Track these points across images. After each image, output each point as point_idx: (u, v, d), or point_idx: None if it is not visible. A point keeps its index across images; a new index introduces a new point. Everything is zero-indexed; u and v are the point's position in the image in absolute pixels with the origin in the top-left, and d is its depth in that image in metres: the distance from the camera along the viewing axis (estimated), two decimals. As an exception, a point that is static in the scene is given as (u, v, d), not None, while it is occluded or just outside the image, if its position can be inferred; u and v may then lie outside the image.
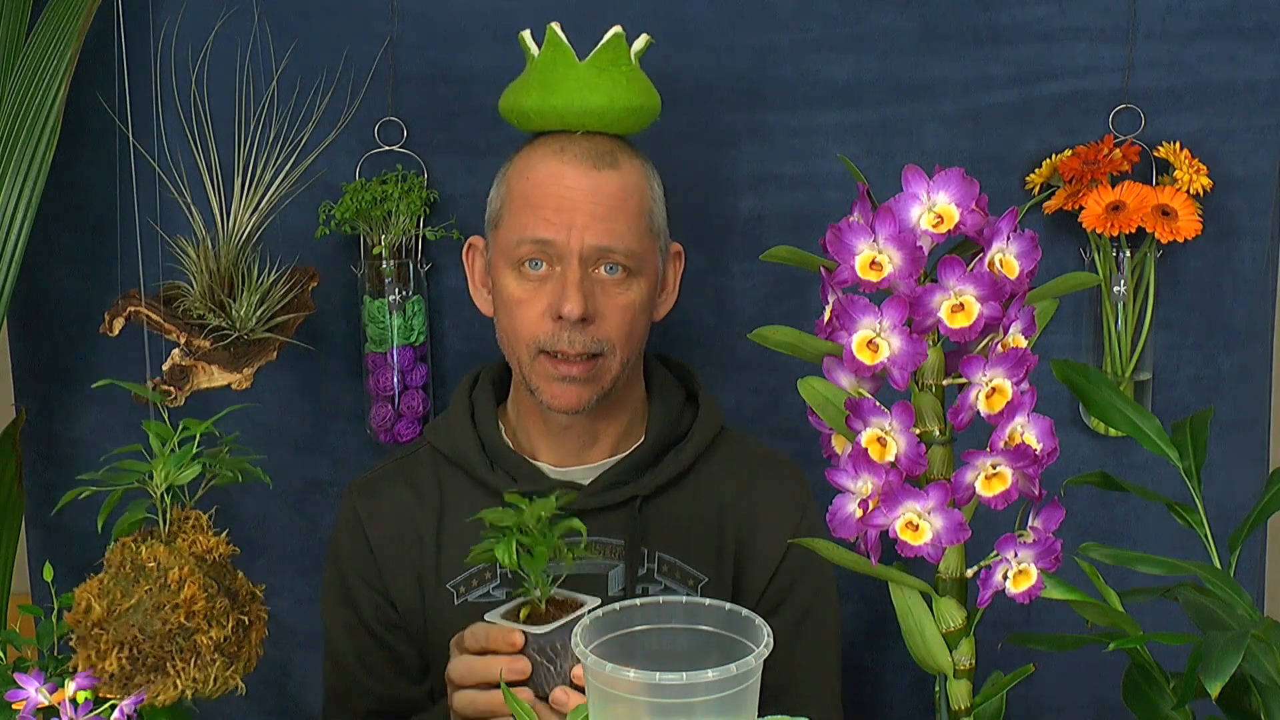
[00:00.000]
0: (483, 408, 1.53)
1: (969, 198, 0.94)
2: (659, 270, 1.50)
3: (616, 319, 1.44)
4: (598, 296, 1.43)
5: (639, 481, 1.50)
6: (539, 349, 1.44)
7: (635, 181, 1.46)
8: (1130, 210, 1.61)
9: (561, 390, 1.44)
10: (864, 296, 0.95)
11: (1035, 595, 0.99)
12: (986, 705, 1.07)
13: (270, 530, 1.83)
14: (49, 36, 1.62)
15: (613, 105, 1.46)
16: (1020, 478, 0.96)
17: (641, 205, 1.46)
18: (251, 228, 1.64)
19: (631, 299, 1.45)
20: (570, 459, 1.52)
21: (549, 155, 1.45)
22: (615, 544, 1.49)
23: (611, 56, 1.47)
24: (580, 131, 1.46)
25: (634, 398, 1.54)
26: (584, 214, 1.42)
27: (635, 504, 1.49)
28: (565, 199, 1.42)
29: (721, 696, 1.01)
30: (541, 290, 1.43)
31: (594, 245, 1.42)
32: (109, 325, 1.62)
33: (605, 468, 1.51)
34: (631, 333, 1.46)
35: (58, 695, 1.04)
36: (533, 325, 1.44)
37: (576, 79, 1.46)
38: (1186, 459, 1.17)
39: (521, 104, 1.48)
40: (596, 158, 1.44)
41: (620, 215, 1.43)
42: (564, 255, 1.42)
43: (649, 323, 1.50)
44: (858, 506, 0.97)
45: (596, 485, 1.49)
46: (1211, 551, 1.15)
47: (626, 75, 1.48)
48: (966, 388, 0.96)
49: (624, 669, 1.01)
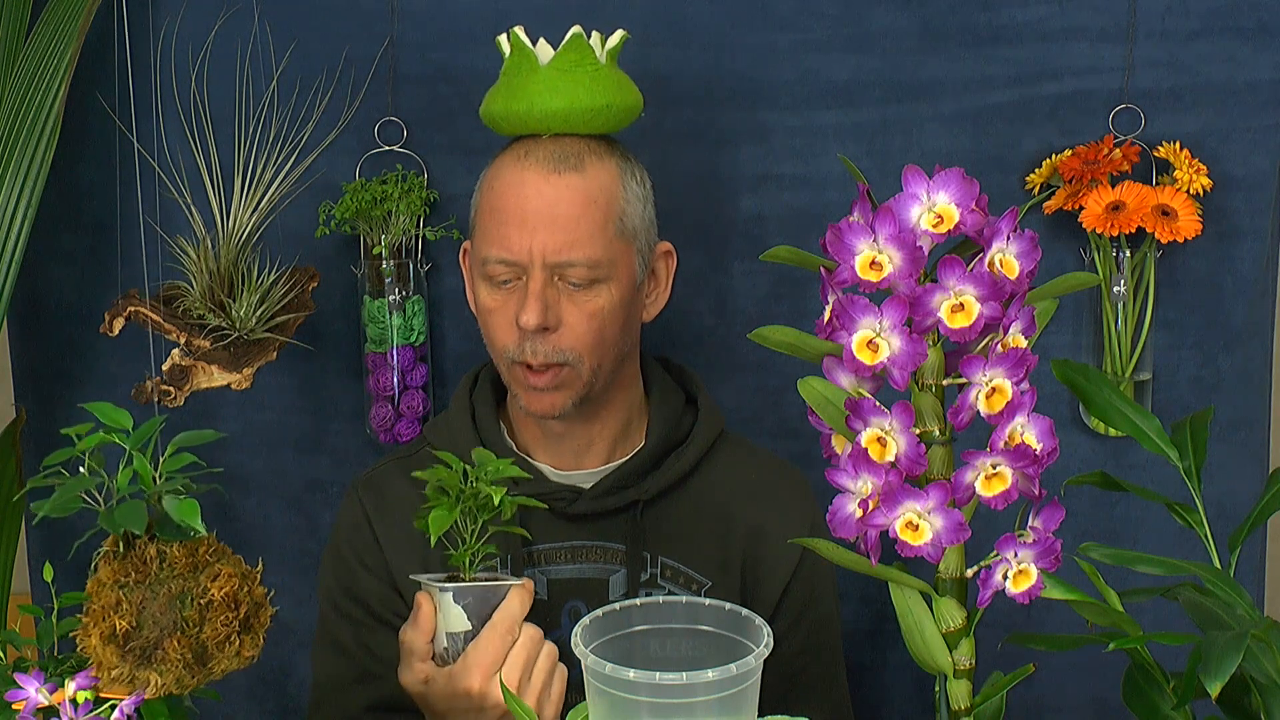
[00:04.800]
0: (483, 409, 1.53)
1: (969, 198, 0.94)
2: (635, 272, 1.47)
3: (581, 327, 1.43)
4: (561, 305, 1.42)
5: (640, 486, 1.49)
6: (511, 360, 1.44)
7: (601, 184, 1.44)
8: (1130, 210, 1.61)
9: (535, 397, 1.45)
10: (864, 296, 0.95)
11: (1035, 595, 0.99)
12: (986, 705, 1.07)
13: (270, 530, 1.83)
14: (49, 36, 1.62)
15: (574, 107, 1.44)
16: (1020, 478, 0.97)
17: (609, 209, 1.44)
18: (251, 228, 1.64)
19: (599, 305, 1.43)
20: (569, 462, 1.52)
21: (512, 162, 1.45)
22: (617, 549, 1.49)
23: (574, 57, 1.45)
24: (547, 135, 1.45)
25: (630, 401, 1.53)
26: (544, 223, 1.41)
27: (636, 509, 1.49)
28: (526, 209, 1.41)
29: (721, 696, 1.01)
30: (509, 299, 1.44)
31: (555, 260, 1.41)
32: (109, 325, 1.62)
33: (606, 472, 1.51)
34: (601, 339, 1.44)
35: (58, 695, 1.04)
36: (503, 335, 1.44)
37: (538, 83, 1.44)
38: (1186, 459, 1.17)
39: (491, 110, 1.48)
40: (559, 161, 1.43)
41: (582, 221, 1.41)
42: (525, 262, 1.42)
43: (629, 325, 1.48)
44: (858, 506, 0.97)
45: (597, 490, 1.49)
46: (1211, 551, 1.15)
47: (590, 75, 1.45)
48: (966, 388, 0.96)
49: (624, 669, 1.01)
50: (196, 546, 1.07)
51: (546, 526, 1.48)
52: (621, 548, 1.49)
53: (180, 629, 1.04)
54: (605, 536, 1.49)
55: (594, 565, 1.49)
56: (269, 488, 1.82)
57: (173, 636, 1.04)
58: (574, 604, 1.49)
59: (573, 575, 1.49)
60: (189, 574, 1.06)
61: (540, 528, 1.48)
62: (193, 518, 1.03)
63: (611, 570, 1.49)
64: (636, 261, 1.47)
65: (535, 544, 1.48)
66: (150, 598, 1.05)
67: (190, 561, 1.07)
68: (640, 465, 1.50)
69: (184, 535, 1.05)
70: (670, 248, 1.53)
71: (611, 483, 1.49)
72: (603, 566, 1.49)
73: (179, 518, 1.03)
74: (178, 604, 1.05)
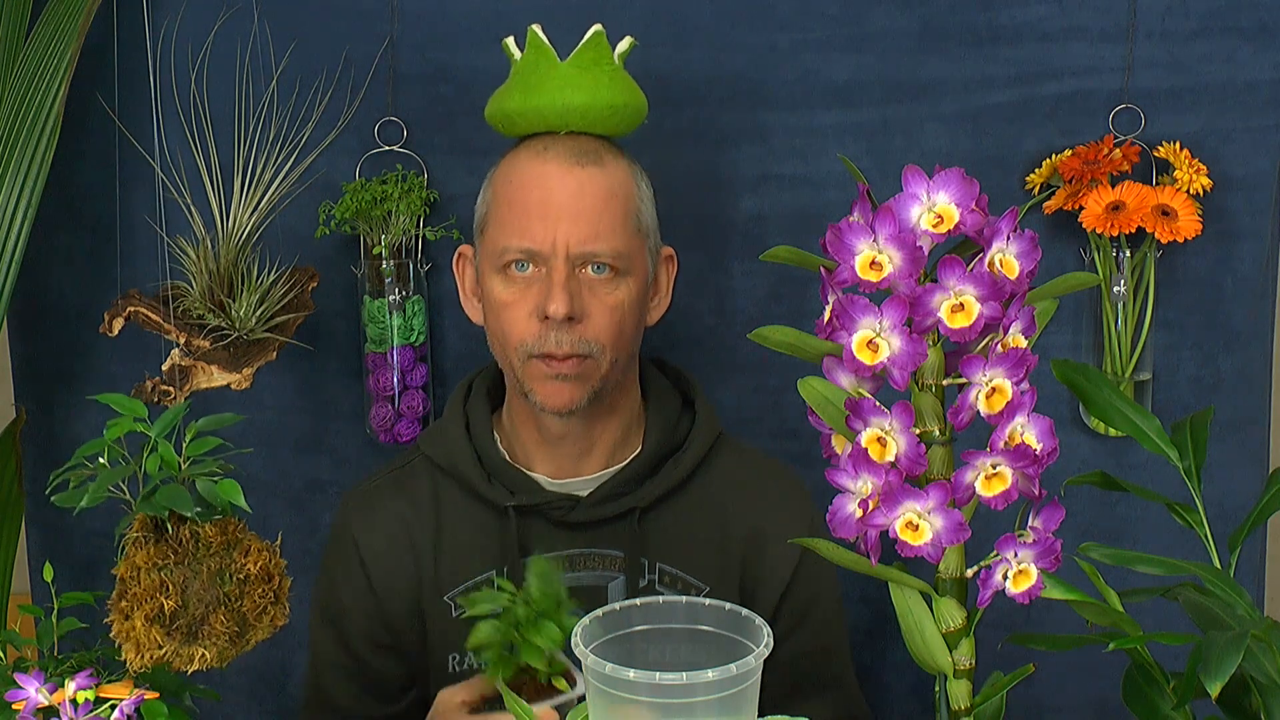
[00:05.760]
0: (478, 419, 1.52)
1: (969, 198, 0.94)
2: (648, 271, 1.48)
3: (604, 319, 1.42)
4: (584, 296, 1.41)
5: (637, 493, 1.48)
6: (529, 354, 1.42)
7: (620, 180, 1.44)
8: (1130, 210, 1.61)
9: (555, 389, 1.42)
10: (864, 296, 0.95)
11: (1035, 595, 0.99)
12: (986, 705, 1.07)
13: (270, 530, 1.82)
14: (49, 36, 1.62)
15: (595, 103, 1.45)
16: (1020, 478, 0.97)
17: (628, 205, 1.44)
18: (251, 228, 1.64)
19: (620, 298, 1.43)
20: (567, 469, 1.50)
21: (532, 157, 1.44)
22: (615, 556, 1.48)
23: (593, 55, 1.46)
24: (564, 132, 1.46)
25: (630, 404, 1.52)
26: (569, 214, 1.41)
27: (634, 516, 1.48)
28: (549, 200, 1.41)
29: (721, 696, 1.01)
30: (528, 292, 1.42)
31: (579, 250, 1.40)
32: (109, 325, 1.62)
33: (603, 479, 1.49)
34: (620, 333, 1.44)
35: (58, 695, 1.05)
36: (521, 328, 1.42)
37: (558, 78, 1.45)
38: (1186, 459, 1.17)
39: (505, 107, 1.48)
40: (579, 155, 1.43)
41: (605, 214, 1.42)
42: (549, 254, 1.41)
43: (641, 325, 1.49)
44: (858, 506, 0.97)
45: (594, 497, 1.48)
46: (1211, 551, 1.15)
47: (609, 74, 1.46)
48: (966, 388, 0.96)
49: (624, 669, 1.01)
50: (226, 525, 1.13)
51: (544, 536, 1.48)
52: (620, 555, 1.48)
53: (223, 604, 1.10)
54: (603, 544, 1.48)
55: (593, 573, 1.48)
56: (269, 488, 1.82)
57: (217, 611, 1.10)
58: (574, 612, 1.48)
59: (571, 584, 1.47)
60: (224, 551, 1.12)
61: (538, 536, 1.47)
62: (236, 495, 1.09)
63: (610, 578, 1.48)
64: (649, 260, 1.48)
65: (533, 554, 1.48)
66: (191, 576, 1.10)
67: (224, 540, 1.12)
68: (637, 471, 1.49)
69: (211, 515, 1.11)
70: (672, 253, 1.53)
71: (609, 490, 1.48)
72: (601, 574, 1.48)
73: (223, 497, 1.09)
74: (218, 580, 1.10)
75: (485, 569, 1.48)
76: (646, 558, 1.48)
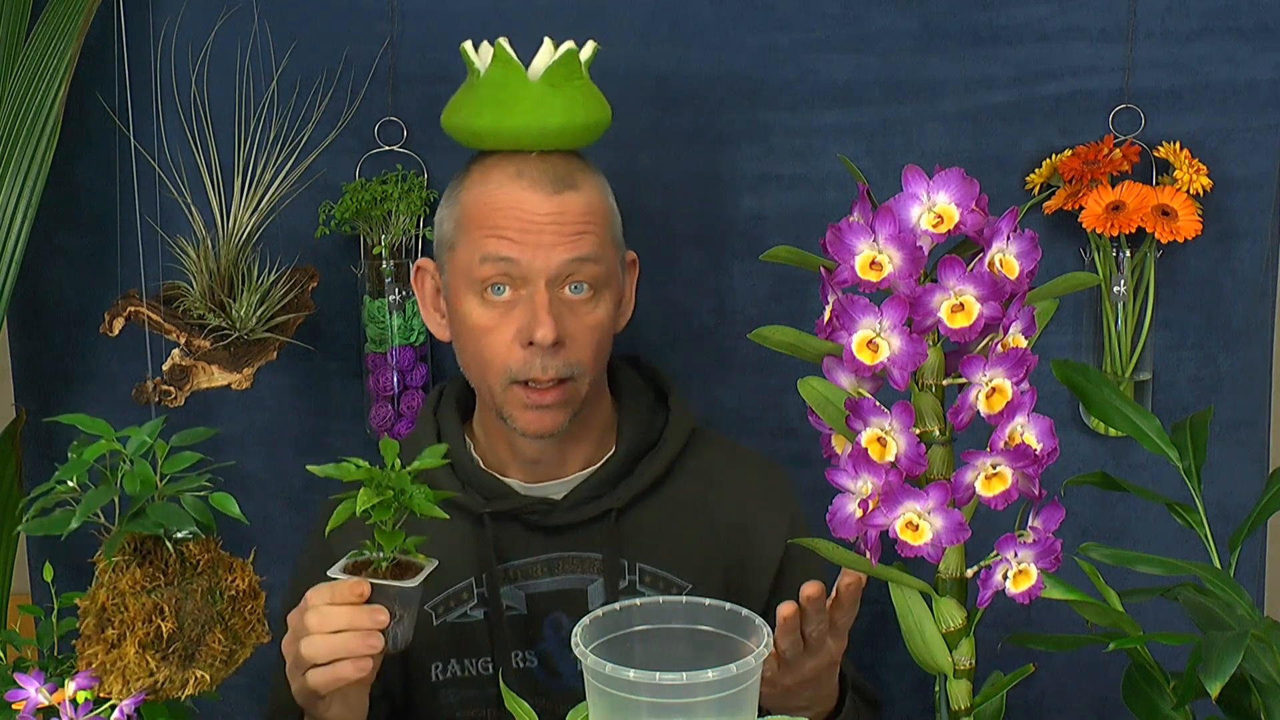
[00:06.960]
0: (449, 428, 1.50)
1: (969, 198, 0.94)
2: (620, 282, 1.48)
3: (586, 339, 1.41)
4: (566, 319, 1.40)
5: (613, 493, 1.47)
6: (511, 379, 1.41)
7: (595, 198, 1.43)
8: (1130, 210, 1.61)
9: (536, 417, 1.41)
10: (864, 296, 0.95)
11: (1035, 595, 1.00)
12: (986, 705, 1.07)
13: (270, 530, 1.83)
14: (49, 36, 1.62)
15: (570, 123, 1.43)
16: (1020, 478, 0.97)
17: (604, 221, 1.43)
18: (251, 228, 1.64)
19: (600, 317, 1.42)
20: (541, 474, 1.49)
21: (506, 180, 1.42)
22: (594, 559, 1.47)
23: (565, 72, 1.43)
24: (535, 152, 1.43)
25: (601, 410, 1.50)
26: (549, 235, 1.39)
27: (611, 517, 1.47)
28: (529, 224, 1.39)
29: (721, 696, 1.01)
30: (509, 316, 1.40)
31: (563, 260, 1.38)
32: (109, 325, 1.62)
33: (578, 481, 1.48)
34: (600, 352, 1.43)
35: (58, 695, 1.05)
36: (503, 353, 1.40)
37: (531, 98, 1.42)
38: (1186, 459, 1.17)
39: (473, 125, 1.45)
40: (556, 181, 1.41)
41: (585, 236, 1.40)
42: (529, 278, 1.39)
43: (613, 336, 1.48)
44: (858, 506, 0.97)
45: (570, 501, 1.47)
46: (1211, 551, 1.15)
47: (581, 90, 1.44)
48: (966, 388, 0.96)
49: (624, 669, 1.01)
50: (209, 543, 1.10)
51: (521, 540, 1.47)
52: (598, 557, 1.47)
53: (218, 622, 1.08)
54: (581, 546, 1.47)
55: (572, 576, 1.47)
56: (269, 488, 1.82)
57: (214, 630, 1.07)
58: (556, 615, 1.48)
59: (551, 588, 1.47)
60: (211, 569, 1.09)
61: (515, 542, 1.47)
62: (230, 507, 1.07)
63: (589, 580, 1.47)
64: (620, 271, 1.48)
65: (510, 560, 1.47)
66: (184, 597, 1.07)
67: (209, 558, 1.09)
68: (612, 472, 1.48)
69: (207, 532, 1.08)
70: (635, 257, 1.53)
71: (584, 492, 1.47)
72: (580, 577, 1.47)
73: (219, 509, 1.06)
74: (209, 599, 1.08)
75: (463, 576, 1.47)
76: (626, 558, 1.47)
